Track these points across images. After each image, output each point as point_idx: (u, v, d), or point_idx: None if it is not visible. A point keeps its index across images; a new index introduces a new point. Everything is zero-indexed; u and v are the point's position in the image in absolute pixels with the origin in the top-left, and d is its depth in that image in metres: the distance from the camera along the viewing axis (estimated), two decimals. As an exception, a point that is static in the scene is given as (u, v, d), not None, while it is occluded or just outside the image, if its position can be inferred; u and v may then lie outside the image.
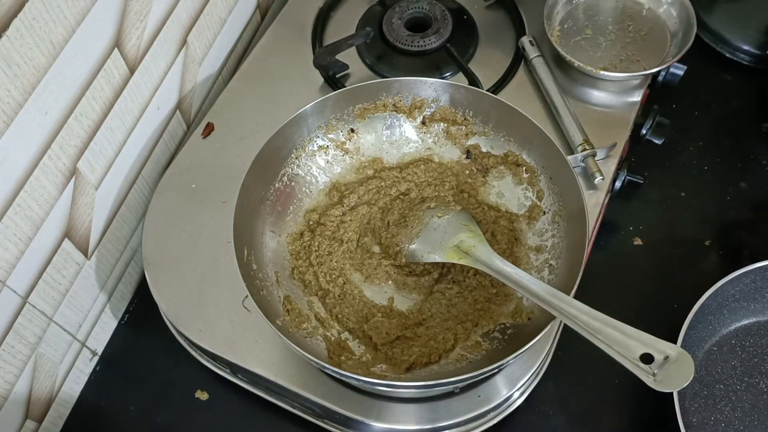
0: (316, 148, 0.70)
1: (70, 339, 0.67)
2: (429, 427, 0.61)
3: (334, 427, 0.65)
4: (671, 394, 0.61)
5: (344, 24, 0.85)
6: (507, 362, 0.54)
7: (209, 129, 0.76)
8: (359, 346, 0.62)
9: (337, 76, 0.80)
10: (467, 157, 0.71)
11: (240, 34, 0.86)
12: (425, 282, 0.66)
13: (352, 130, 0.71)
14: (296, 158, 0.69)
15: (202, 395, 0.70)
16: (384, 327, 0.62)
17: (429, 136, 0.72)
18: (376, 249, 0.67)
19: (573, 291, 0.56)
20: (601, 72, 0.75)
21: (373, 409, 0.61)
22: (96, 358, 0.73)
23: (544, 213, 0.67)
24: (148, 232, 0.69)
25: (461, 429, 0.62)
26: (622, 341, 0.49)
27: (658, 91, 0.81)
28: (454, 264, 0.65)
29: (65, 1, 0.54)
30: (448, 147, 0.72)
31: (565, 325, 0.65)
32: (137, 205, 0.74)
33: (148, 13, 0.65)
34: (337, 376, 0.58)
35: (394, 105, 0.70)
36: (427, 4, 0.83)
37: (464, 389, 0.61)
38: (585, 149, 0.71)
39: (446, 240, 0.63)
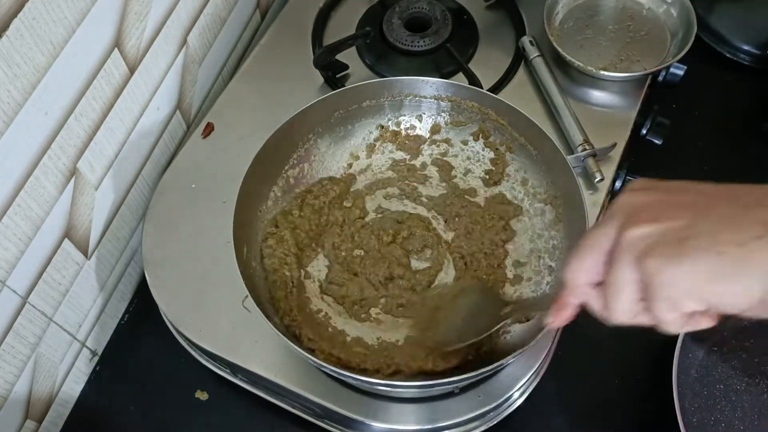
0: (316, 148, 0.70)
1: (70, 339, 0.67)
2: (429, 427, 0.61)
3: (334, 427, 0.65)
4: (671, 393, 0.61)
5: (344, 24, 0.85)
6: (507, 362, 0.54)
7: (209, 129, 0.76)
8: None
9: (337, 76, 0.80)
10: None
11: (240, 34, 0.86)
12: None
13: (352, 130, 0.71)
14: (296, 158, 0.68)
15: (202, 395, 0.70)
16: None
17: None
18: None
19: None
20: (601, 72, 0.75)
21: (373, 409, 0.61)
22: (96, 358, 0.73)
23: (544, 213, 0.67)
24: (148, 232, 0.69)
25: (461, 429, 0.62)
26: None
27: (658, 91, 0.80)
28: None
29: (65, 1, 0.54)
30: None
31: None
32: (137, 205, 0.73)
33: (148, 13, 0.65)
34: (337, 375, 0.58)
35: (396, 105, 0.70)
36: (427, 4, 0.83)
37: (464, 389, 0.61)
38: (585, 149, 0.71)
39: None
